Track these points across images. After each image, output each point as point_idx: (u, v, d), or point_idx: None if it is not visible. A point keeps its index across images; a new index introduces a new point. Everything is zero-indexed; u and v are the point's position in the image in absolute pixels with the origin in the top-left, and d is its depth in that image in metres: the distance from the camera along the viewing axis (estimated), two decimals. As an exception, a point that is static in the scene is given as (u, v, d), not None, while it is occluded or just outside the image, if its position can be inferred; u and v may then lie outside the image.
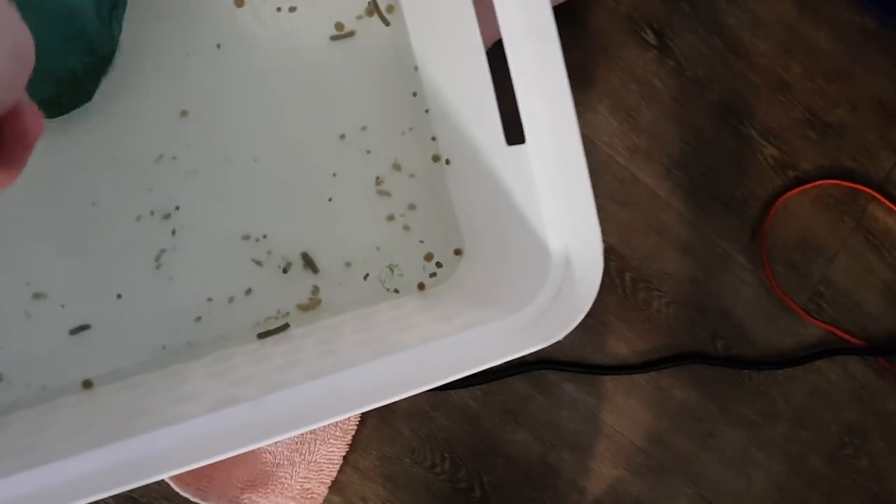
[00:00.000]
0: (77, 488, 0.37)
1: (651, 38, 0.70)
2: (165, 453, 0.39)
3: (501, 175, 0.49)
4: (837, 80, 0.72)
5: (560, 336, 0.43)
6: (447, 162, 0.57)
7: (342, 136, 0.58)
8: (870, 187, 0.73)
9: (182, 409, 0.42)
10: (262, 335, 0.56)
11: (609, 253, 0.69)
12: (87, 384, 0.53)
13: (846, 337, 0.72)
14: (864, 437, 0.74)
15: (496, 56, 0.48)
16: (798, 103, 0.72)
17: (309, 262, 0.58)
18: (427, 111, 0.58)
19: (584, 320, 0.68)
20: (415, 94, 0.58)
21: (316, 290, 0.58)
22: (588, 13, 0.69)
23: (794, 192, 0.71)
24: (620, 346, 0.70)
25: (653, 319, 0.70)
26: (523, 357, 0.67)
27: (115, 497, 0.61)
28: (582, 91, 0.69)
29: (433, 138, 0.58)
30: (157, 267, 0.56)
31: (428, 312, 0.51)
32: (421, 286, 0.59)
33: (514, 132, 0.46)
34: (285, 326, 0.57)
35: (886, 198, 0.73)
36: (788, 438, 0.72)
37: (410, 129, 0.59)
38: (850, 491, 0.73)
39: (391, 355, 0.41)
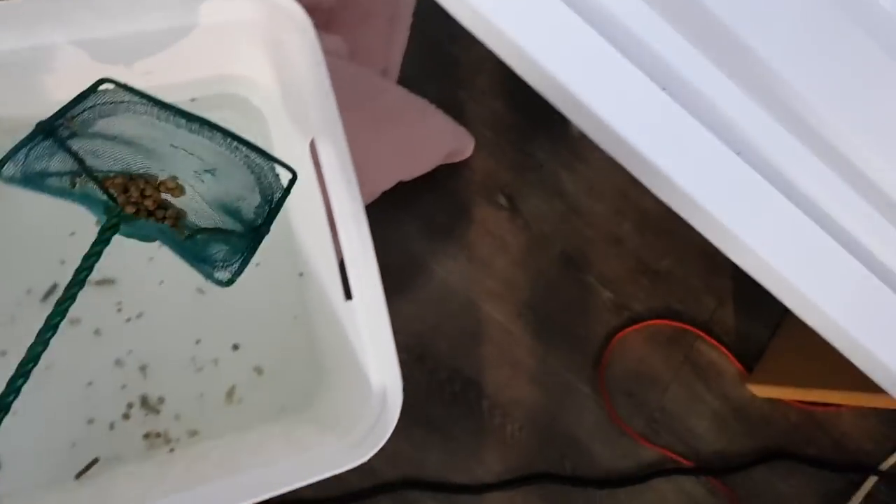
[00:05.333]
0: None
1: (503, 201, 0.83)
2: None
3: (343, 324, 0.60)
4: (663, 236, 0.86)
5: (372, 452, 0.53)
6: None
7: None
8: (695, 327, 0.85)
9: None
10: (78, 475, 0.64)
11: (468, 383, 0.80)
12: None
13: (679, 459, 0.83)
14: (702, 550, 0.83)
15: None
16: (630, 255, 0.85)
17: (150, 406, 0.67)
18: (301, 274, 0.70)
19: (445, 443, 0.79)
20: (300, 275, 0.70)
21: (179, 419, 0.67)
22: (449, 181, 0.82)
23: (630, 329, 0.83)
24: (479, 467, 0.79)
25: (507, 442, 0.80)
26: (387, 478, 0.76)
27: None
28: (445, 244, 0.81)
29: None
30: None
31: (284, 438, 0.61)
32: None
33: (348, 290, 0.58)
34: (94, 461, 0.65)
35: (710, 335, 0.85)
36: (633, 551, 0.81)
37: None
38: None
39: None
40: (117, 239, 0.42)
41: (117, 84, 0.42)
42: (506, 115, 0.85)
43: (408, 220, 0.81)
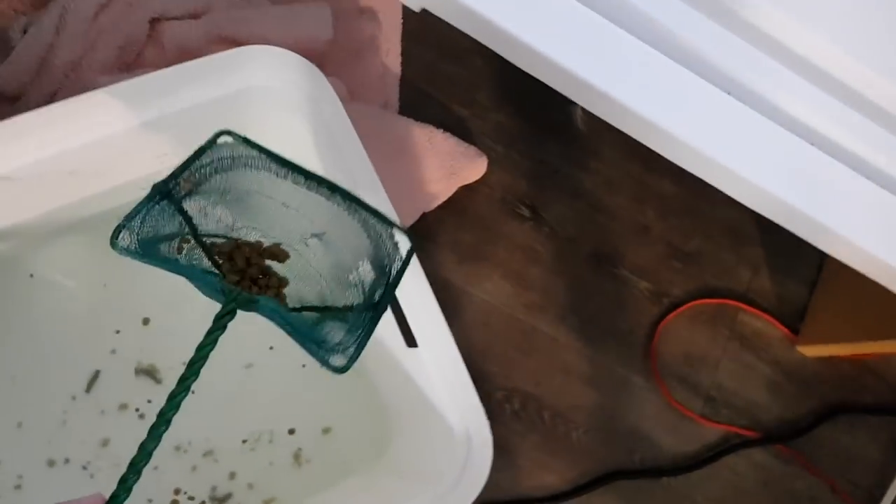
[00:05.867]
0: None
1: (525, 212, 0.83)
2: None
3: (408, 371, 0.60)
4: (687, 216, 0.86)
5: (474, 496, 0.53)
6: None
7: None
8: (735, 299, 0.85)
9: None
10: None
11: (526, 398, 0.80)
12: None
13: (743, 432, 0.83)
14: (781, 517, 0.83)
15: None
16: (658, 241, 0.85)
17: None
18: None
19: (514, 461, 0.79)
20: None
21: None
22: (469, 202, 0.82)
23: (672, 315, 0.84)
24: (551, 477, 0.79)
25: (574, 448, 0.80)
26: None
27: None
28: (477, 265, 0.81)
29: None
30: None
31: (368, 492, 0.61)
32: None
33: (411, 338, 0.57)
34: None
35: (751, 305, 0.86)
36: (715, 531, 0.82)
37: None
38: (780, 568, 0.83)
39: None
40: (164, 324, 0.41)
41: (236, 137, 0.38)
42: (511, 127, 0.85)
43: (436, 249, 0.81)
